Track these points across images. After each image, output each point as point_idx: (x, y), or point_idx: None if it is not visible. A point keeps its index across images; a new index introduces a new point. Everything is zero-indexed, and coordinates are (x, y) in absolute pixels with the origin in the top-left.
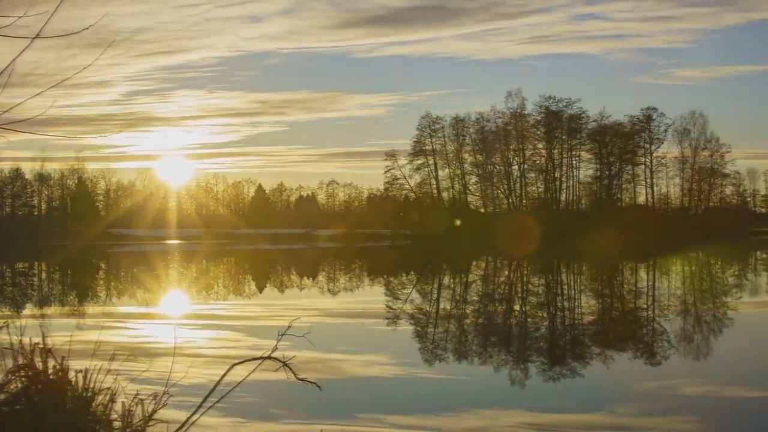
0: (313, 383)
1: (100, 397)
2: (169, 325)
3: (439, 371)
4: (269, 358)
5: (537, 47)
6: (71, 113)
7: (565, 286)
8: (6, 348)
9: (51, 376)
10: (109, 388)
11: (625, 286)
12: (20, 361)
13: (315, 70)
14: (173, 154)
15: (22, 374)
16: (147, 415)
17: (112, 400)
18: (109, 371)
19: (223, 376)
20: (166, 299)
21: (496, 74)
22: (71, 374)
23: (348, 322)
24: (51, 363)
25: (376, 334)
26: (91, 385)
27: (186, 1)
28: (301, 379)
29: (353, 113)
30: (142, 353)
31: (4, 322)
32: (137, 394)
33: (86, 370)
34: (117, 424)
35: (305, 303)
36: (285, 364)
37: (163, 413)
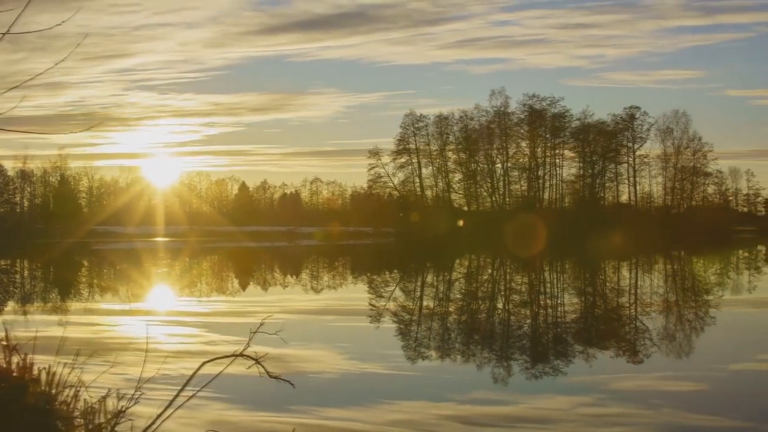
0: (287, 381)
1: (65, 394)
2: (142, 323)
3: (414, 367)
4: (241, 355)
5: (467, 51)
6: (34, 113)
7: (550, 285)
8: None
9: (14, 373)
10: (73, 385)
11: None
12: None
13: (257, 73)
14: (150, 152)
15: None
16: (116, 412)
17: (76, 397)
18: (73, 368)
19: (194, 374)
20: (142, 296)
21: (432, 77)
22: (35, 371)
23: (322, 319)
24: (15, 359)
25: (350, 331)
26: (56, 382)
27: (125, 8)
28: (274, 377)
29: (306, 114)
30: (115, 350)
31: None
32: (108, 392)
33: (50, 367)
34: (80, 420)
35: (282, 300)
36: (257, 361)
37: (134, 410)
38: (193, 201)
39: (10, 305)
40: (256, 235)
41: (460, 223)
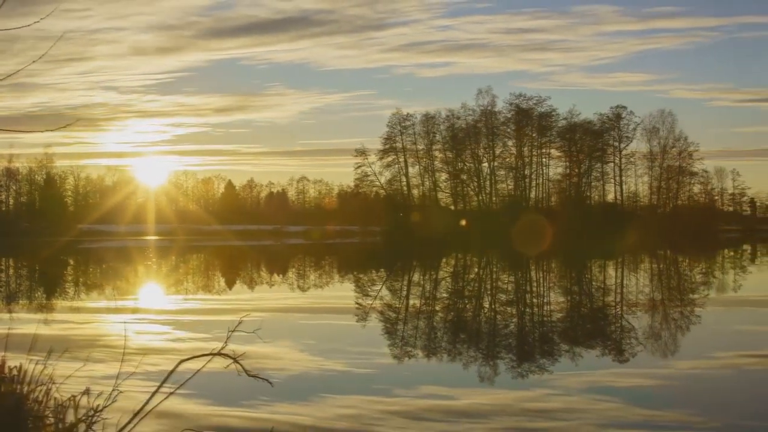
0: (264, 379)
1: (37, 392)
2: (120, 321)
3: (393, 364)
4: (219, 354)
5: (414, 55)
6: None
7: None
8: None
9: None
10: (45, 384)
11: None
12: None
13: (214, 76)
14: (129, 151)
15: None
16: (91, 410)
17: (47, 396)
18: (45, 366)
19: (171, 372)
20: (123, 294)
21: (384, 79)
22: (6, 369)
23: (302, 318)
24: None
25: (329, 329)
26: (27, 380)
27: (79, 13)
28: (252, 375)
29: (271, 114)
30: (93, 348)
31: None
32: (85, 390)
33: (21, 365)
34: (51, 419)
35: (263, 299)
36: (235, 360)
37: (111, 409)
38: (180, 200)
39: None
40: (243, 234)
41: (463, 222)
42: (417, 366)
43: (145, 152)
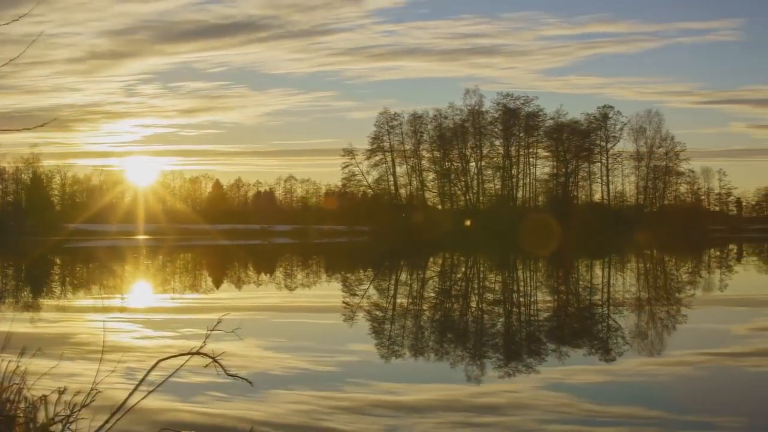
0: (244, 379)
1: (8, 392)
2: (100, 320)
3: (372, 362)
4: (198, 353)
5: (364, 59)
6: None
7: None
8: None
9: None
10: (17, 383)
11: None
12: None
13: (174, 79)
14: (111, 151)
15: None
16: (69, 410)
17: (19, 395)
18: (18, 365)
19: (148, 372)
20: (105, 293)
21: (336, 81)
22: None
23: (283, 317)
24: None
25: (311, 328)
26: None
27: (35, 18)
28: (231, 375)
29: (236, 116)
30: (71, 347)
31: None
32: (63, 390)
33: None
34: (21, 419)
35: (246, 297)
36: (214, 359)
37: (89, 408)
38: (167, 199)
39: None
40: (230, 234)
41: (468, 223)
42: (377, 363)
43: (121, 152)
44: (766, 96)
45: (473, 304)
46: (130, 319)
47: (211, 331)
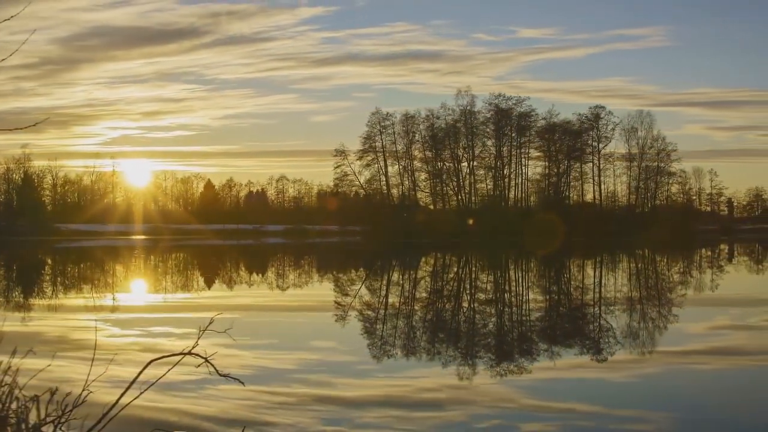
0: (236, 379)
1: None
2: (92, 319)
3: (367, 361)
4: (190, 353)
5: (310, 65)
6: None
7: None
8: None
9: None
10: (8, 384)
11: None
12: None
13: (129, 84)
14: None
15: None
16: (59, 411)
17: (10, 396)
18: (9, 365)
19: (140, 373)
20: (97, 293)
21: (281, 84)
22: None
23: (276, 316)
24: None
25: (303, 328)
26: None
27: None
28: (224, 375)
29: (197, 119)
30: (63, 348)
31: None
32: (55, 390)
33: None
34: (12, 419)
35: (237, 297)
36: (206, 360)
37: (79, 410)
38: (159, 199)
39: None
40: (223, 234)
41: (470, 221)
42: (333, 362)
43: (103, 153)
44: (715, 98)
45: (465, 305)
46: (122, 319)
47: (204, 331)
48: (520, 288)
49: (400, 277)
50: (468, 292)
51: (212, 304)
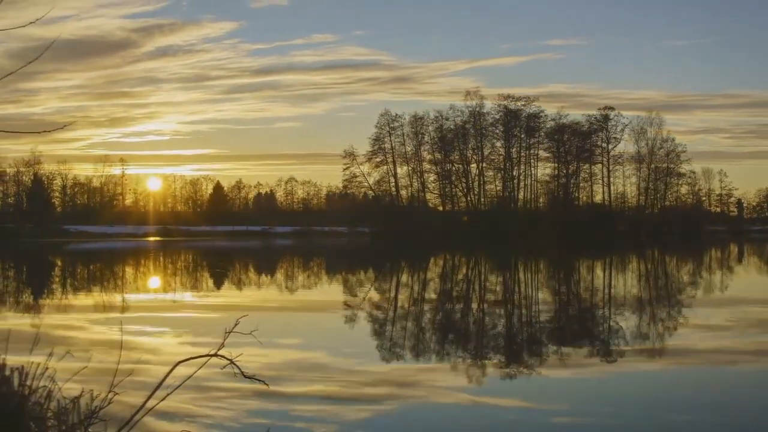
0: (261, 380)
1: (38, 394)
2: (117, 321)
3: (389, 364)
4: (216, 355)
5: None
6: None
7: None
8: None
9: None
10: (46, 386)
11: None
12: None
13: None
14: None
15: None
16: (89, 412)
17: (49, 398)
18: (47, 367)
19: (167, 374)
20: (118, 295)
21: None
22: (6, 371)
23: (298, 318)
24: None
25: (328, 330)
26: (28, 382)
27: None
28: (249, 377)
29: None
30: (91, 349)
31: None
32: (82, 392)
33: (23, 367)
34: (53, 421)
35: (255, 299)
36: (231, 361)
37: (108, 411)
38: (168, 200)
39: None
40: (232, 235)
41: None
42: (356, 361)
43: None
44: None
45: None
46: (146, 320)
47: (229, 333)
48: (571, 290)
49: (410, 278)
50: (502, 295)
51: (234, 304)
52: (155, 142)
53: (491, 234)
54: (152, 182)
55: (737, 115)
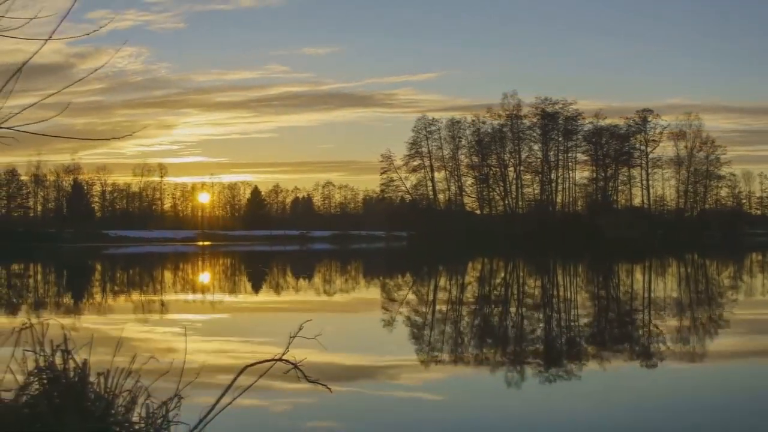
0: (324, 385)
1: (121, 399)
2: (179, 326)
3: (450, 369)
4: (281, 360)
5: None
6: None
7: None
8: (27, 350)
9: (72, 378)
10: (129, 390)
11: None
12: (41, 362)
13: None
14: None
15: (43, 376)
16: (162, 417)
17: (134, 402)
18: (130, 373)
19: (236, 377)
20: (171, 301)
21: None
22: (92, 376)
23: (359, 323)
24: (71, 364)
25: (389, 336)
26: (112, 387)
27: None
28: (312, 381)
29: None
30: (154, 354)
31: (25, 324)
32: (176, 397)
33: (107, 372)
34: (139, 426)
35: (312, 305)
36: (296, 366)
37: (178, 413)
38: (206, 206)
39: (52, 311)
40: (270, 240)
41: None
42: (416, 365)
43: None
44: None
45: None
46: (205, 323)
47: (294, 337)
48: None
49: (461, 283)
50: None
51: (289, 308)
52: (192, 146)
53: (531, 237)
54: (191, 188)
55: None
